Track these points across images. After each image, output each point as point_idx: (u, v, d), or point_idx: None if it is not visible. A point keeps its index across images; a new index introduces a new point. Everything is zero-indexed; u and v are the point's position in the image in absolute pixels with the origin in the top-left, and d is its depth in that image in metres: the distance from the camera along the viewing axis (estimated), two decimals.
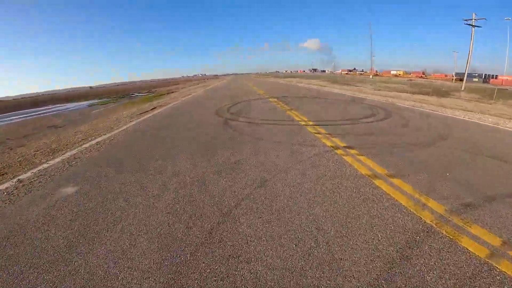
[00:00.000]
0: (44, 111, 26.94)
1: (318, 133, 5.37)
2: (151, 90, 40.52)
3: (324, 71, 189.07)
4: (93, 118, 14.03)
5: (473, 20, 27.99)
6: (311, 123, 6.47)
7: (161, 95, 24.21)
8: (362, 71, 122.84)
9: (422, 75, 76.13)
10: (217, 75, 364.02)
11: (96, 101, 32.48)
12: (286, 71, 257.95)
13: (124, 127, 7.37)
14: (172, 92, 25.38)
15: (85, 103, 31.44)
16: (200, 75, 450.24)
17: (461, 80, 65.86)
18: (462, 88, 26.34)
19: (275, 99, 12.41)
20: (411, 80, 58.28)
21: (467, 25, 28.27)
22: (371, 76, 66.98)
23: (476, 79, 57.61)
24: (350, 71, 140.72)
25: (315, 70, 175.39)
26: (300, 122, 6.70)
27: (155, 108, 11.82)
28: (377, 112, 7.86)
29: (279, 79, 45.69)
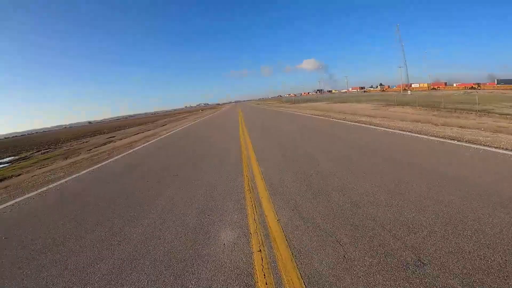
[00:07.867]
0: None
1: None
2: (86, 139, 22.51)
3: (330, 91, 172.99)
4: None
5: None
6: None
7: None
8: (382, 86, 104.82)
9: (476, 86, 57.35)
10: (218, 104, 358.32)
11: None
12: (289, 95, 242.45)
13: None
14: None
15: None
16: (203, 104, 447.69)
17: None
18: None
19: None
20: (467, 92, 40.80)
21: None
22: (409, 92, 48.72)
23: None
24: (362, 88, 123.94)
25: (320, 91, 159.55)
26: None
27: None
28: None
29: (283, 107, 28.25)
